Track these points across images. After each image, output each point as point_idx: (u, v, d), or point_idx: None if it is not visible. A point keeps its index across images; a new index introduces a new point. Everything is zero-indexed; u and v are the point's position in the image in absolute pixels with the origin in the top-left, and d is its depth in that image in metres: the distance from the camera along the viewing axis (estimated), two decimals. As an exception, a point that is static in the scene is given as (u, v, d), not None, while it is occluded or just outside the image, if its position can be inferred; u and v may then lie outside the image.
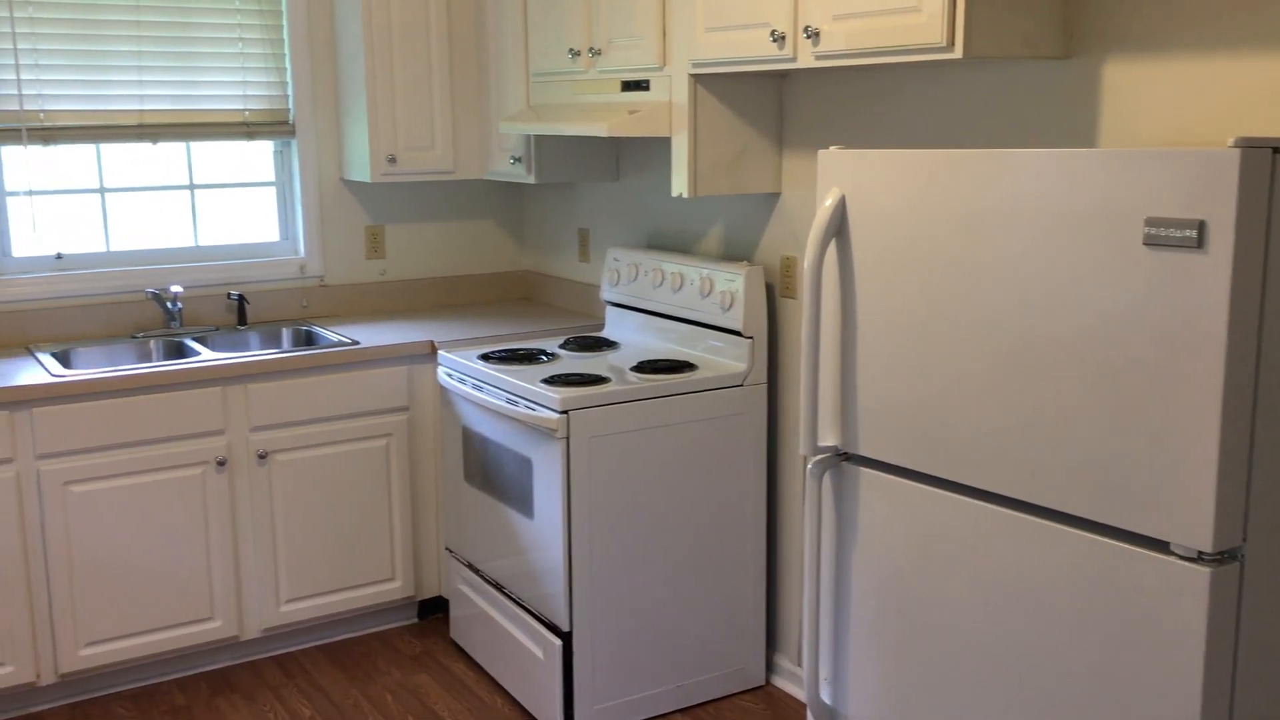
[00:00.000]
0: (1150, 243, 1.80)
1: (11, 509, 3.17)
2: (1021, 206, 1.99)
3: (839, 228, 2.34)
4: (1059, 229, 1.93)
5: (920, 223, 2.18)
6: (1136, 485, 1.86)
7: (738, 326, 3.28)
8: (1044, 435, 1.99)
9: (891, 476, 2.30)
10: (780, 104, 3.24)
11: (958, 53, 2.30)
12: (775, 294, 3.34)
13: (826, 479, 2.44)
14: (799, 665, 3.41)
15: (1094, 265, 1.88)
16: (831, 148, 2.39)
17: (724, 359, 3.36)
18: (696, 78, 3.07)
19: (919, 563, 2.25)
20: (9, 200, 3.70)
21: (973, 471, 2.13)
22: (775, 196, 3.31)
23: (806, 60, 2.66)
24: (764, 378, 3.32)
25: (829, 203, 2.33)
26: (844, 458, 2.42)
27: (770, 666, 3.50)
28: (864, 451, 2.35)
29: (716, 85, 3.11)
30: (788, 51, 2.70)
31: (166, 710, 3.35)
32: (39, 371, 3.29)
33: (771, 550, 3.46)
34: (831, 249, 2.37)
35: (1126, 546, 1.90)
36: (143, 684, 3.49)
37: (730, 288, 3.29)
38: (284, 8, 4.00)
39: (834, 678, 2.48)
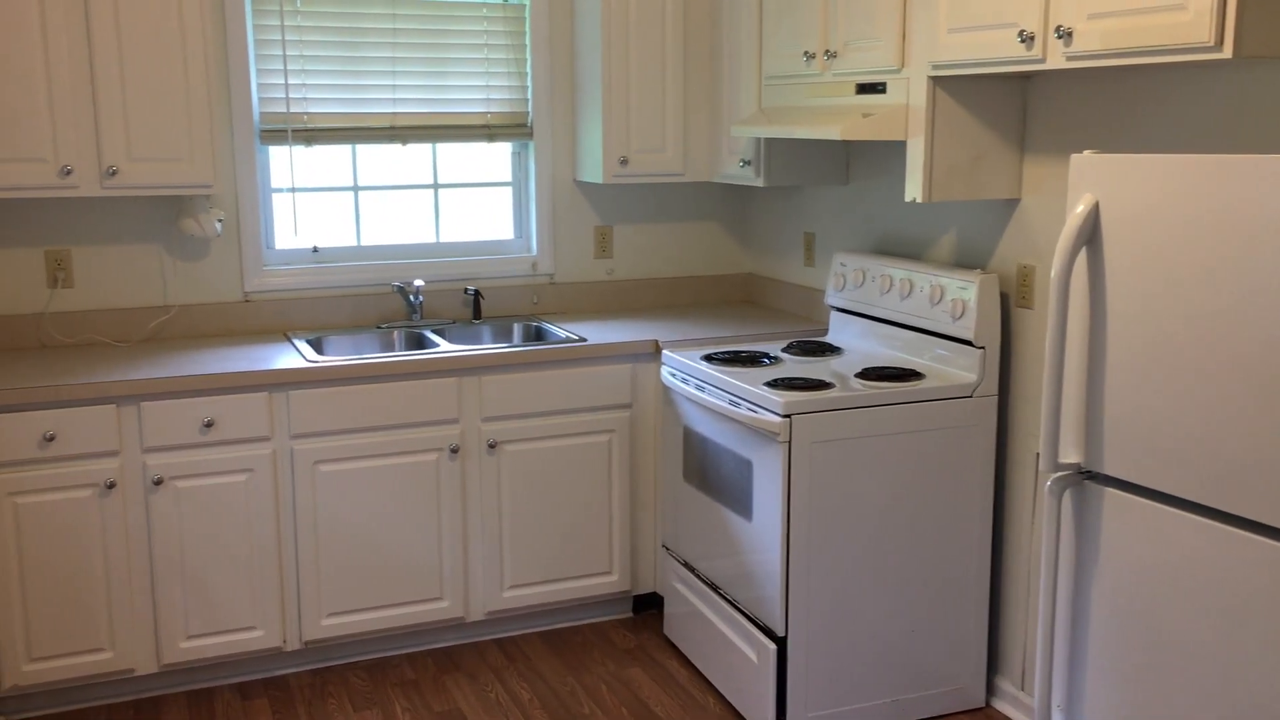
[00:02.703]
0: None
1: (268, 485, 3.41)
2: (1299, 216, 1.86)
3: (1090, 235, 2.24)
4: (1343, 241, 1.79)
5: (1181, 232, 2.06)
6: None
7: (969, 336, 3.18)
8: (1317, 463, 1.85)
9: (1140, 498, 2.19)
10: (1024, 107, 3.12)
11: (1227, 52, 2.16)
12: (1010, 303, 3.23)
13: (1066, 497, 2.34)
14: (1023, 689, 3.28)
15: (1384, 281, 1.74)
16: (1085, 152, 2.29)
17: (952, 369, 3.27)
18: (936, 80, 3.00)
19: (1168, 592, 2.13)
20: (274, 197, 3.98)
21: (1232, 498, 1.99)
22: (1014, 203, 3.19)
23: (1057, 61, 2.56)
24: (995, 389, 3.21)
25: (1081, 209, 2.24)
26: (1087, 476, 2.31)
27: (991, 688, 3.38)
28: (1110, 471, 2.24)
29: (956, 87, 3.03)
30: (1036, 52, 2.61)
31: (397, 683, 3.52)
32: (296, 357, 3.53)
33: (996, 568, 3.35)
34: (1081, 257, 2.27)
35: None
36: (375, 656, 3.69)
37: (962, 296, 3.20)
38: (527, 15, 4.15)
39: (1067, 706, 2.38)
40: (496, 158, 4.30)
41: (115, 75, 3.37)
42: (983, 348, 3.17)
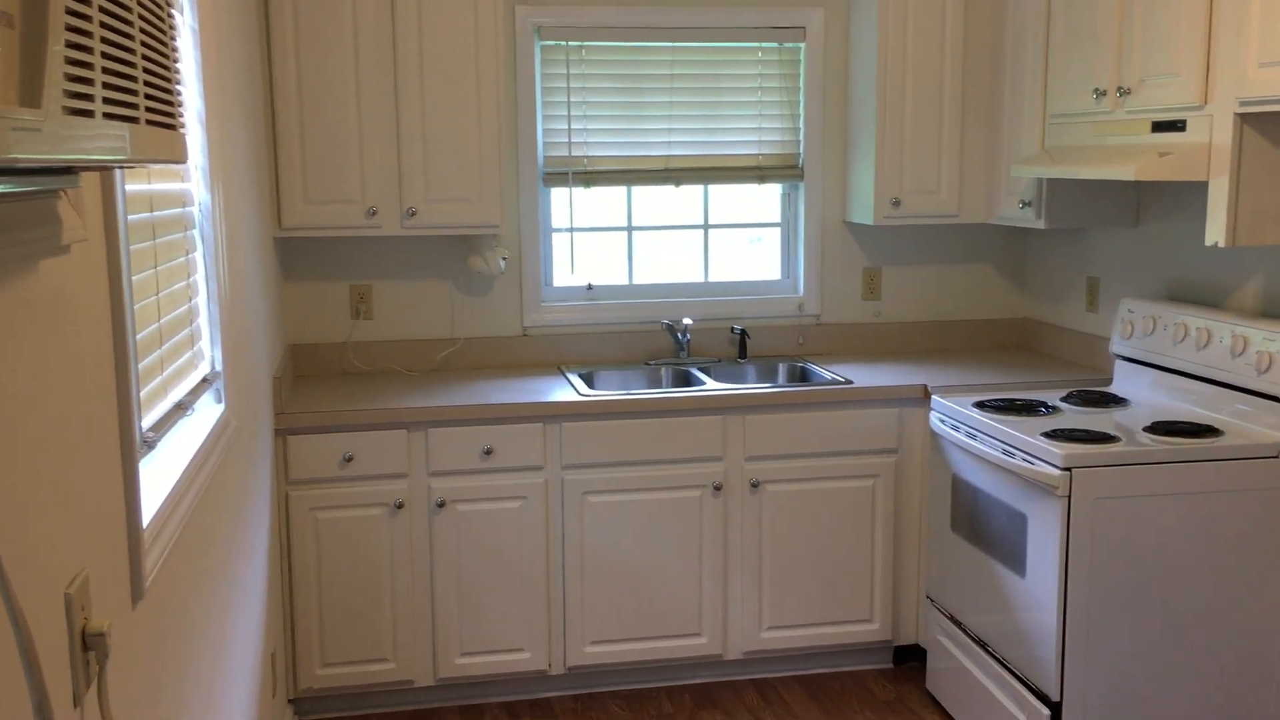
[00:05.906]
0: None
1: (539, 513, 3.54)
2: None
3: None
4: None
5: None
6: None
7: (1276, 391, 2.94)
8: None
9: None
10: (1346, 144, 2.87)
11: None
12: (1325, 357, 2.96)
13: (1396, 575, 2.11)
14: (1332, 783, 2.97)
15: None
16: None
17: (1255, 426, 3.03)
18: (1243, 117, 2.81)
19: None
20: (553, 236, 4.16)
21: None
22: (1332, 248, 2.93)
23: (1390, 95, 2.34)
24: (1306, 451, 2.95)
25: None
26: None
27: (1294, 779, 3.08)
28: None
29: (1267, 124, 2.82)
30: (1365, 86, 2.39)
31: (655, 715, 3.57)
32: (569, 390, 3.67)
33: (1303, 646, 3.05)
34: None
35: None
36: (634, 687, 3.75)
37: (1270, 348, 2.96)
38: (802, 58, 4.17)
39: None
40: (766, 198, 4.33)
41: (417, 124, 3.63)
42: (1292, 405, 2.92)
